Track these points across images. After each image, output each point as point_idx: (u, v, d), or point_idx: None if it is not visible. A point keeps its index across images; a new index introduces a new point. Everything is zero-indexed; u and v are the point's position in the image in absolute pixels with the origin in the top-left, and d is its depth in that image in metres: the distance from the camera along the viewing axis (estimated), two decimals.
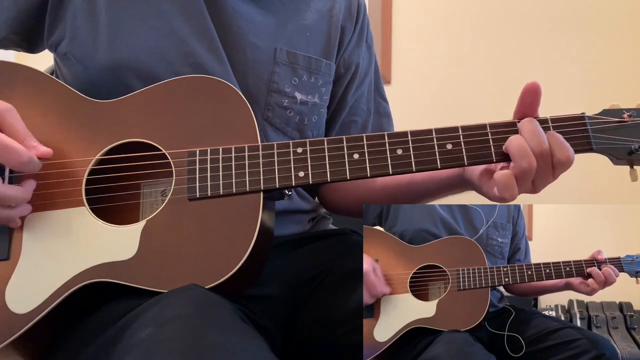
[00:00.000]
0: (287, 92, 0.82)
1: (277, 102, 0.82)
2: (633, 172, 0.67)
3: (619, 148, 0.66)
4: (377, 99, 0.99)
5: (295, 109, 0.84)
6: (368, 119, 0.96)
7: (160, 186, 0.74)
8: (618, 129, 0.66)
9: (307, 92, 0.84)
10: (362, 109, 0.95)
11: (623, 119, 0.66)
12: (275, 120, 0.82)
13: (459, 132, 0.67)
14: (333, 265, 0.81)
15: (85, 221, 0.66)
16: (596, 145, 0.66)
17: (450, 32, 2.10)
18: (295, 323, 0.79)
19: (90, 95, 0.73)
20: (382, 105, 0.99)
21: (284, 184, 0.67)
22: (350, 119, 0.94)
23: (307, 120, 0.85)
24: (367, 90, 0.96)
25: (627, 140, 0.66)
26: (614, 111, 0.67)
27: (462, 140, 0.67)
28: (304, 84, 0.84)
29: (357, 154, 0.67)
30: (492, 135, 0.67)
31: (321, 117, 0.88)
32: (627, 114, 0.67)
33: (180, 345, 0.48)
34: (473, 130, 0.67)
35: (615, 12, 1.95)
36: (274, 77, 0.81)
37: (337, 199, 0.95)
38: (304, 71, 0.84)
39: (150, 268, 0.63)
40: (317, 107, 0.86)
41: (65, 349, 0.65)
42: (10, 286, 0.65)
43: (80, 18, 0.77)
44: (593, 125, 0.66)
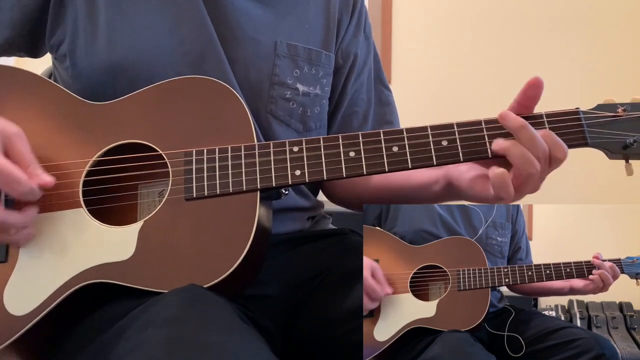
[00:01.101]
0: (289, 84, 0.83)
1: (279, 94, 0.82)
2: (629, 166, 0.67)
3: (614, 142, 0.66)
4: (378, 87, 0.98)
5: (298, 101, 0.84)
6: (369, 108, 0.96)
7: (158, 187, 0.74)
8: (612, 123, 0.66)
9: (308, 83, 0.85)
10: (362, 99, 0.95)
11: (617, 114, 0.66)
12: (278, 113, 0.82)
13: (454, 128, 0.67)
14: (333, 264, 0.81)
15: (83, 222, 0.66)
16: (591, 139, 0.66)
17: (450, 32, 2.10)
18: (295, 323, 0.79)
19: (89, 97, 0.73)
20: (385, 94, 0.99)
21: (280, 183, 0.67)
22: (352, 110, 0.95)
23: (310, 112, 0.86)
24: (366, 79, 0.96)
25: (622, 135, 0.66)
26: (608, 106, 0.68)
27: (458, 136, 0.67)
28: (305, 75, 0.85)
29: (353, 151, 0.67)
30: (487, 132, 0.67)
31: (323, 108, 0.89)
32: (622, 109, 0.67)
33: (180, 346, 0.48)
34: (468, 126, 0.67)
35: (615, 12, 1.95)
36: (276, 69, 0.82)
37: (338, 193, 0.96)
38: (304, 63, 0.85)
39: (148, 268, 0.63)
40: (318, 98, 0.87)
41: (64, 351, 0.65)
42: (9, 288, 0.65)
43: (80, 19, 0.77)
44: (588, 120, 0.67)
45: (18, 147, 0.62)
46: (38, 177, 0.63)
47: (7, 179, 0.60)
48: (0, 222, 0.61)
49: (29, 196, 0.62)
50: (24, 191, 0.61)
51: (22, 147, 0.63)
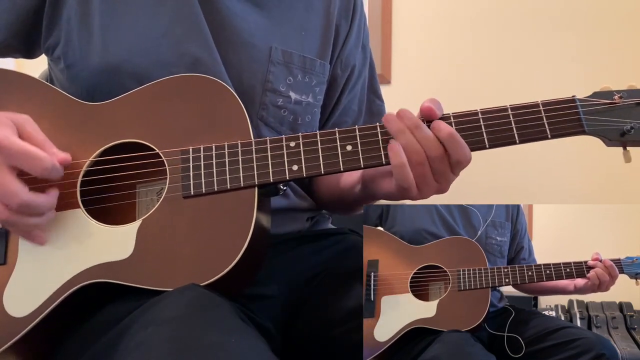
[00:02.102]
0: (281, 91, 0.82)
1: (271, 101, 0.82)
2: (626, 153, 0.67)
3: (611, 129, 0.66)
4: (370, 98, 0.98)
5: (290, 108, 0.83)
6: (358, 119, 0.96)
7: (156, 186, 0.74)
8: (609, 110, 0.66)
9: (301, 91, 0.84)
10: (353, 109, 0.96)
11: (614, 101, 0.67)
12: (269, 120, 0.82)
13: (451, 119, 0.68)
14: (333, 265, 0.81)
15: (81, 222, 0.66)
16: (588, 127, 0.66)
17: (450, 32, 2.09)
18: (295, 323, 0.79)
19: (86, 98, 0.73)
20: (376, 104, 0.99)
21: (278, 178, 0.67)
22: (341, 120, 0.95)
23: (301, 120, 0.85)
24: (359, 90, 0.96)
25: (619, 122, 0.66)
26: (605, 93, 0.68)
27: (454, 127, 0.67)
28: (299, 83, 0.84)
29: (349, 145, 0.68)
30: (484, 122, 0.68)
31: (315, 116, 0.88)
32: (618, 96, 0.67)
33: (180, 345, 0.48)
34: (466, 117, 0.68)
35: (615, 12, 1.95)
36: (269, 76, 0.81)
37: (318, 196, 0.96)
38: (298, 71, 0.84)
39: (147, 267, 0.63)
40: (310, 106, 0.86)
41: (64, 353, 0.65)
42: (8, 290, 0.65)
43: (74, 21, 0.77)
44: (584, 108, 0.66)
45: (30, 130, 0.63)
46: (55, 154, 0.63)
47: (28, 158, 0.60)
48: (30, 204, 0.61)
49: (53, 173, 0.62)
50: (46, 167, 0.61)
51: (35, 129, 0.63)
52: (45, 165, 0.61)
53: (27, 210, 0.61)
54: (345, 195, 0.85)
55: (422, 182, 0.66)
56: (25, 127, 0.62)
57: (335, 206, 0.95)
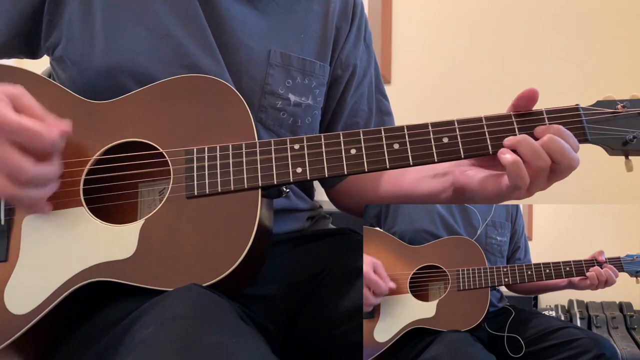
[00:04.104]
0: (280, 94, 0.82)
1: (270, 103, 0.82)
2: (628, 162, 0.68)
3: (614, 139, 0.67)
4: (378, 97, 0.99)
5: (289, 111, 0.83)
6: (370, 119, 0.96)
7: (159, 185, 0.74)
8: (612, 119, 0.67)
9: (300, 94, 0.84)
10: (364, 109, 0.95)
11: (617, 110, 0.67)
12: (268, 122, 0.82)
13: (455, 125, 0.68)
14: (333, 264, 0.81)
15: (84, 221, 0.66)
16: (591, 136, 0.67)
17: (450, 32, 2.10)
18: (295, 323, 0.79)
19: (88, 97, 0.73)
20: (384, 104, 0.99)
21: (281, 180, 0.67)
22: (353, 121, 0.94)
23: (301, 122, 0.85)
24: (367, 90, 0.96)
25: (622, 131, 0.66)
26: (608, 102, 0.68)
27: (458, 133, 0.67)
28: (298, 85, 0.84)
29: (354, 149, 0.68)
30: (488, 128, 0.67)
31: (314, 118, 0.88)
32: (621, 105, 0.67)
33: (180, 345, 0.48)
34: (468, 123, 0.68)
35: (615, 12, 1.95)
36: (268, 79, 0.81)
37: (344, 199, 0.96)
38: (297, 73, 0.84)
39: (149, 266, 0.63)
40: (310, 108, 0.86)
41: (65, 351, 0.65)
42: (9, 287, 0.65)
43: (75, 21, 0.77)
44: (587, 117, 0.67)
45: (26, 103, 0.61)
46: (55, 126, 0.62)
47: (28, 134, 0.59)
48: (39, 176, 0.60)
49: (56, 145, 0.61)
50: (48, 141, 0.60)
51: (31, 102, 0.62)
52: (47, 139, 0.60)
53: (35, 183, 0.61)
54: (421, 201, 0.84)
55: (540, 177, 0.65)
56: (22, 100, 0.61)
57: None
